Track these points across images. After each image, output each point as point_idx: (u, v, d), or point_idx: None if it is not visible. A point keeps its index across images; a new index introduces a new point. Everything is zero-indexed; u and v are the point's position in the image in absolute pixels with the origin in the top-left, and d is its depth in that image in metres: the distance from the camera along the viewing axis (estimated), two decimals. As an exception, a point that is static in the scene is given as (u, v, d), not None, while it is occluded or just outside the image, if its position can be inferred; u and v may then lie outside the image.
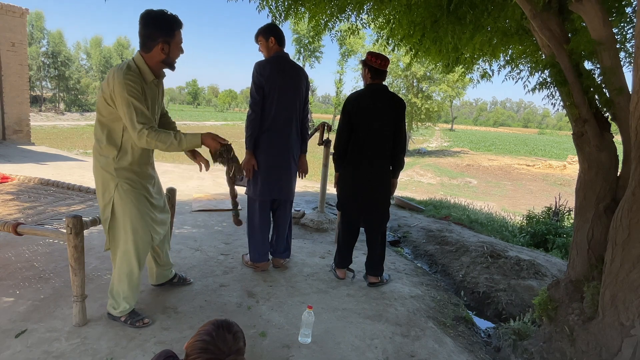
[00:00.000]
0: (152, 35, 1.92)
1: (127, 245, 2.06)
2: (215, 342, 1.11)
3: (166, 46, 1.94)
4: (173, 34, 1.95)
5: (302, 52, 40.48)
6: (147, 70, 1.97)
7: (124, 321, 2.15)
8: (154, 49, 1.94)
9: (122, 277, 2.10)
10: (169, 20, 1.94)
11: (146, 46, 1.94)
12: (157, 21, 1.92)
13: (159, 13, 1.93)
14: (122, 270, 2.10)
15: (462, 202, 8.29)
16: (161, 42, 1.92)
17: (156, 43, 1.92)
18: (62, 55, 36.43)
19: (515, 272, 3.45)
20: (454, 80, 24.63)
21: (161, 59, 1.97)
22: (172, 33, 1.95)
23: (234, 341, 1.14)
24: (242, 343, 1.18)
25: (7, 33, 9.27)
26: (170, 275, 2.60)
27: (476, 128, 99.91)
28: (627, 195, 1.84)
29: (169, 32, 1.94)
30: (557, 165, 23.39)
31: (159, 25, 1.92)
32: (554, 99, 2.38)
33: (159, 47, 1.93)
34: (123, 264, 2.09)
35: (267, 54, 2.83)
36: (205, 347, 1.10)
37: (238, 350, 1.14)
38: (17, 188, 2.97)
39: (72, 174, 6.38)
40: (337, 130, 2.89)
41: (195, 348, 1.10)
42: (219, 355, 1.09)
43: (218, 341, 1.11)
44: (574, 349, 2.05)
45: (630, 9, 2.22)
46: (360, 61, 2.91)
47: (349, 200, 2.92)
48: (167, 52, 1.96)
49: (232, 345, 1.12)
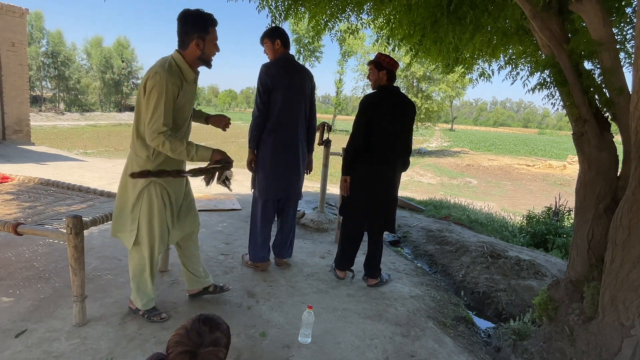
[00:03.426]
0: (187, 32, 1.99)
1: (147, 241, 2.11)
2: (189, 334, 1.12)
3: (201, 42, 2.00)
4: (208, 31, 2.01)
5: (302, 52, 40.46)
6: (187, 68, 2.03)
7: (142, 315, 2.22)
8: (189, 46, 1.99)
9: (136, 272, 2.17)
10: (204, 17, 2.00)
11: (183, 43, 2.01)
12: (192, 18, 1.99)
13: (194, 11, 2.00)
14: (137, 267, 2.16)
15: (462, 202, 8.28)
16: (196, 38, 1.98)
17: (191, 39, 1.98)
18: (62, 55, 36.43)
19: (515, 272, 3.45)
20: (453, 80, 24.65)
21: (197, 55, 2.02)
22: (206, 29, 2.00)
23: (210, 333, 1.14)
24: (221, 334, 1.17)
25: (7, 33, 9.27)
26: (205, 284, 2.48)
27: (476, 128, 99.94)
28: (627, 195, 1.85)
29: (204, 29, 2.00)
30: (557, 165, 23.38)
31: (193, 22, 1.99)
32: (554, 99, 2.38)
33: (194, 42, 1.98)
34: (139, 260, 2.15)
35: (273, 56, 2.85)
36: (179, 340, 1.11)
37: (214, 340, 1.13)
38: (17, 188, 2.97)
39: (72, 174, 6.38)
40: (352, 131, 2.79)
41: (171, 343, 1.12)
42: (191, 347, 1.09)
43: (192, 333, 1.12)
44: (574, 349, 2.05)
45: (630, 9, 2.22)
46: (371, 62, 2.83)
47: (359, 203, 2.85)
48: (202, 47, 2.01)
49: (206, 336, 1.12)
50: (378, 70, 2.78)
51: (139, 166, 2.03)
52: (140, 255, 2.14)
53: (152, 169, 2.03)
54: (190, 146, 1.98)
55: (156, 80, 1.89)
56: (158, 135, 1.91)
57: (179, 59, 2.01)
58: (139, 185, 2.05)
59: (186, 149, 1.96)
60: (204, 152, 2.02)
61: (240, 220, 4.41)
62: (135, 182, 2.05)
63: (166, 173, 2.07)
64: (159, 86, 1.89)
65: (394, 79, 2.85)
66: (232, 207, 4.91)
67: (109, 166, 8.06)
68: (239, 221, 4.37)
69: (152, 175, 2.03)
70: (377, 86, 2.83)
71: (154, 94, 1.90)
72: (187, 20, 1.99)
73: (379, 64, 2.78)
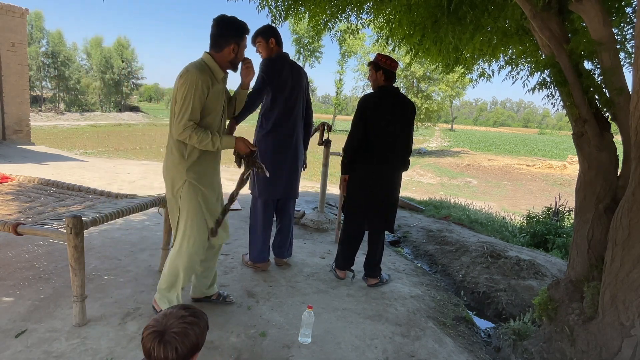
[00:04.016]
0: (225, 36, 2.07)
1: (183, 242, 2.13)
2: (156, 318, 1.18)
3: (236, 47, 2.09)
4: (243, 38, 2.12)
5: (302, 52, 40.48)
6: (217, 68, 2.10)
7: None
8: (225, 49, 2.08)
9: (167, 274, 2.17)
10: (242, 25, 2.10)
11: (219, 46, 2.08)
12: (231, 25, 2.09)
13: (232, 18, 2.10)
14: (170, 266, 2.16)
15: (462, 202, 8.28)
16: (233, 44, 2.07)
17: (229, 44, 2.07)
18: (62, 55, 36.41)
19: (515, 272, 3.45)
20: (453, 80, 24.65)
21: (230, 58, 2.11)
22: (242, 36, 2.12)
23: (176, 311, 1.18)
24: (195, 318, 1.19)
25: (7, 33, 9.27)
26: (209, 293, 2.47)
27: (476, 128, 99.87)
28: (627, 195, 1.85)
29: (241, 35, 2.10)
30: (557, 165, 23.38)
31: (233, 28, 2.09)
32: (554, 99, 2.38)
33: (230, 47, 2.08)
34: (173, 260, 2.15)
35: (267, 54, 2.82)
36: (152, 323, 1.16)
37: (181, 317, 1.16)
38: (17, 188, 2.97)
39: (72, 174, 6.38)
40: (350, 131, 2.81)
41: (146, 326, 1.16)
42: (157, 327, 1.13)
43: (158, 316, 1.18)
44: (574, 349, 2.05)
45: (630, 9, 2.21)
46: (370, 63, 2.86)
47: (359, 203, 2.86)
48: (236, 53, 2.11)
49: (171, 316, 1.16)
50: (376, 70, 2.81)
51: (173, 165, 2.09)
52: (177, 257, 2.14)
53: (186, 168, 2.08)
54: (215, 137, 2.04)
55: (187, 77, 1.96)
56: (185, 129, 1.97)
57: (209, 59, 2.08)
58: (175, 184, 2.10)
59: (212, 140, 2.02)
60: (228, 141, 2.09)
61: (240, 220, 4.41)
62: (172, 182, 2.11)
63: (228, 206, 2.25)
64: (189, 82, 1.96)
65: (393, 79, 2.86)
66: (232, 207, 4.90)
67: (109, 166, 8.06)
68: (239, 221, 4.37)
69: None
70: (376, 86, 2.84)
71: (184, 89, 1.97)
72: (227, 26, 2.08)
73: (377, 65, 2.80)
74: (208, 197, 2.17)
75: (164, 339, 1.10)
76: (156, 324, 1.14)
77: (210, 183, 2.19)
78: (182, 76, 1.99)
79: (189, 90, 1.96)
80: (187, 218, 2.11)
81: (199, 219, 2.14)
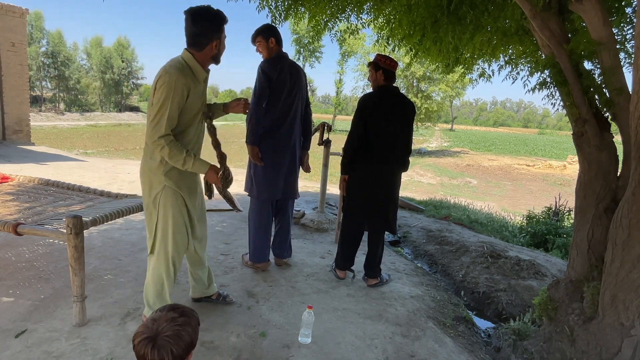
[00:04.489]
0: (205, 33, 1.91)
1: (162, 248, 2.03)
2: (145, 323, 1.15)
3: (218, 42, 1.96)
4: (223, 29, 1.97)
5: (302, 52, 40.49)
6: (199, 67, 1.96)
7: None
8: (207, 47, 1.94)
9: (151, 283, 2.07)
10: (220, 17, 1.94)
11: (200, 44, 1.93)
12: (208, 19, 1.91)
13: (209, 12, 1.91)
14: (153, 275, 2.06)
15: (462, 202, 8.28)
16: (215, 40, 1.93)
17: (210, 41, 1.93)
18: (62, 55, 36.43)
19: (515, 272, 3.45)
20: (453, 80, 24.65)
21: (212, 54, 1.98)
22: (222, 29, 1.96)
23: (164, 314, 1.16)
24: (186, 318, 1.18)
25: (7, 33, 9.27)
26: (207, 294, 2.45)
27: (476, 128, 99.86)
28: (627, 195, 1.85)
29: (220, 29, 1.95)
30: (557, 165, 23.38)
31: (211, 24, 1.92)
32: (554, 99, 2.38)
33: (213, 44, 1.94)
34: (155, 269, 2.05)
35: (268, 54, 2.82)
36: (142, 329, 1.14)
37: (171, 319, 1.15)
38: (17, 188, 2.97)
39: (72, 174, 6.38)
40: (350, 131, 2.80)
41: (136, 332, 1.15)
42: (147, 333, 1.12)
43: (147, 322, 1.15)
44: (574, 349, 2.05)
45: (630, 9, 2.21)
46: (370, 63, 2.86)
47: (359, 203, 2.86)
48: (218, 48, 1.98)
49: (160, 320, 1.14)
50: (376, 70, 2.81)
51: (151, 170, 1.97)
52: (158, 265, 2.04)
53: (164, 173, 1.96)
54: (189, 156, 1.90)
55: (166, 80, 1.82)
56: (159, 139, 1.85)
57: (190, 58, 1.93)
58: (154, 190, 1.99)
59: (184, 159, 1.89)
60: (200, 166, 1.96)
61: (240, 220, 4.41)
62: (150, 187, 2.00)
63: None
64: (167, 86, 1.82)
65: (393, 79, 2.86)
66: (232, 207, 4.90)
67: (109, 166, 8.06)
68: (239, 221, 4.37)
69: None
70: (376, 86, 2.84)
71: (162, 93, 1.83)
72: (204, 22, 1.91)
73: (376, 65, 2.81)
74: (188, 201, 2.07)
75: (157, 343, 1.09)
76: (146, 330, 1.12)
77: (190, 187, 2.09)
78: (160, 78, 1.84)
79: (167, 95, 1.82)
80: (166, 224, 2.00)
81: (179, 225, 2.03)
